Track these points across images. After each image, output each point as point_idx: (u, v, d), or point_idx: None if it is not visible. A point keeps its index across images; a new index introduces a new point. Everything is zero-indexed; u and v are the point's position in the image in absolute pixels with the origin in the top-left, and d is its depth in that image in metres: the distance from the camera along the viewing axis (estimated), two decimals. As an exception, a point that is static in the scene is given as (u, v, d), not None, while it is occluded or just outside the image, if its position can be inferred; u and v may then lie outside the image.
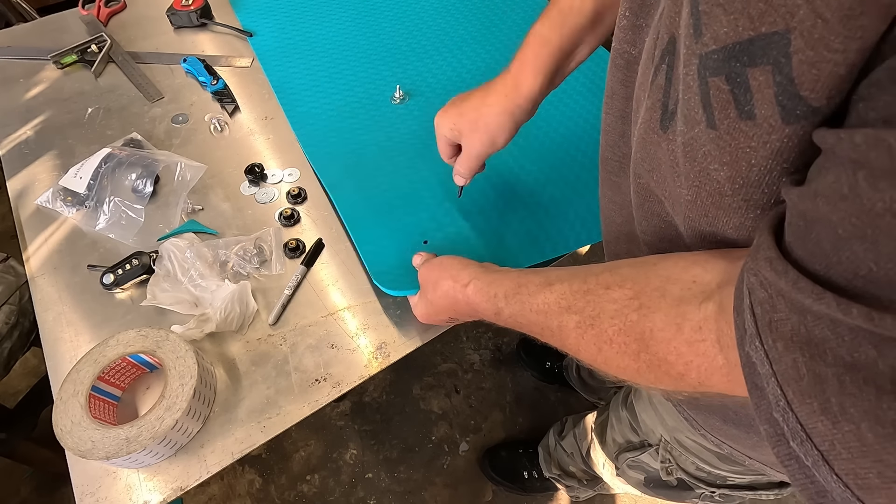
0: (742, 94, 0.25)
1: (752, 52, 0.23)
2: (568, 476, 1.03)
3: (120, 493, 0.49)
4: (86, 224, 0.66)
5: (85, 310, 0.60)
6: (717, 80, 0.25)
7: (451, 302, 0.47)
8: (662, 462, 0.64)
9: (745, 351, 0.24)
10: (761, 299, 0.24)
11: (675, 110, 0.31)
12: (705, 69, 0.26)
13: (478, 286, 0.44)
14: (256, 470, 1.23)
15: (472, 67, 0.85)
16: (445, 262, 0.49)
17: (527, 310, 0.39)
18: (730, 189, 0.29)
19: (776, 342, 0.22)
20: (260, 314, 0.60)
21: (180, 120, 0.78)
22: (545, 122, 0.77)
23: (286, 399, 0.54)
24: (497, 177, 0.69)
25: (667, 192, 0.36)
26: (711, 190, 0.30)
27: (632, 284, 0.33)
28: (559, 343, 0.38)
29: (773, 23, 0.22)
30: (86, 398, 0.49)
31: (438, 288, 0.47)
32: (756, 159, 0.26)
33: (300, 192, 0.69)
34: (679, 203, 0.34)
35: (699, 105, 0.28)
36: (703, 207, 0.32)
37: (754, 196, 0.28)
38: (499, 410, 1.32)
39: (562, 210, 0.67)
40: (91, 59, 0.85)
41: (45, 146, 0.75)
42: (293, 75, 0.84)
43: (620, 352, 0.33)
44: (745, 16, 0.23)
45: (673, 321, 0.30)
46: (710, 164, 0.29)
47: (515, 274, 0.43)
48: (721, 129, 0.27)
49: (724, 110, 0.26)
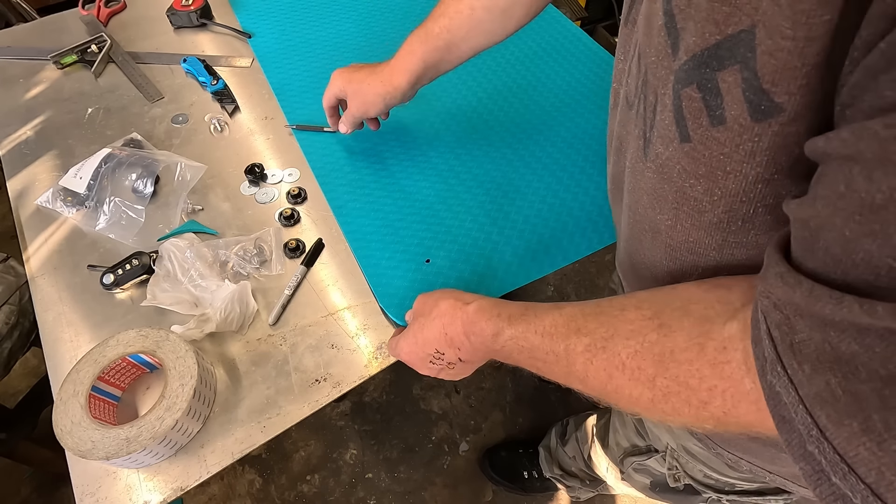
0: (713, 100, 0.25)
1: (720, 55, 0.23)
2: (570, 476, 1.03)
3: (120, 494, 0.49)
4: (86, 224, 0.66)
5: (85, 310, 0.60)
6: (689, 89, 0.26)
7: (445, 323, 0.43)
8: (669, 469, 0.63)
9: (767, 381, 0.22)
10: (778, 321, 0.22)
11: (651, 137, 0.31)
12: (678, 82, 0.26)
13: (481, 305, 0.41)
14: (256, 470, 1.23)
15: (471, 67, 0.85)
16: (447, 289, 0.48)
17: (531, 331, 0.37)
18: (708, 203, 0.29)
19: (802, 365, 0.21)
20: (260, 314, 0.60)
21: (180, 120, 0.78)
22: (546, 127, 0.77)
23: (286, 399, 0.54)
24: (497, 189, 0.69)
25: (647, 224, 0.36)
26: (690, 209, 0.30)
27: (650, 305, 0.31)
28: (564, 371, 0.35)
29: (738, 22, 0.22)
30: (86, 398, 0.49)
31: (436, 308, 0.45)
32: (731, 165, 0.26)
33: (300, 191, 0.69)
34: (659, 232, 0.34)
35: (672, 122, 0.28)
36: (684, 231, 0.31)
37: (733, 206, 0.28)
38: (499, 410, 1.32)
39: (562, 220, 0.66)
40: (91, 59, 0.85)
41: (45, 146, 0.75)
42: (293, 76, 0.84)
43: (633, 378, 0.30)
44: (710, 22, 0.23)
45: (695, 341, 0.27)
46: (685, 180, 0.29)
47: (523, 303, 0.41)
48: (695, 141, 0.27)
49: (696, 120, 0.26)
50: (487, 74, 0.85)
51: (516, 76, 0.84)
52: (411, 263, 0.62)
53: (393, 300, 0.59)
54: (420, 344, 0.46)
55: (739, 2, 0.22)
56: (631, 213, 0.39)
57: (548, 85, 0.83)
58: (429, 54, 0.57)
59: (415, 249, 0.63)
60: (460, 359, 0.44)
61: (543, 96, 0.81)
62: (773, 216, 0.28)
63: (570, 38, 0.90)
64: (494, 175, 0.71)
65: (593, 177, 0.71)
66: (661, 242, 0.35)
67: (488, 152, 0.74)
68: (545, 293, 1.52)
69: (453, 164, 0.72)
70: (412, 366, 0.49)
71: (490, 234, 0.65)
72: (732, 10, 0.22)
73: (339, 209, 0.68)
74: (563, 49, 0.89)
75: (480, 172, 0.71)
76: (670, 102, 0.28)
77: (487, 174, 0.71)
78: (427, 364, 0.47)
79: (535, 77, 0.84)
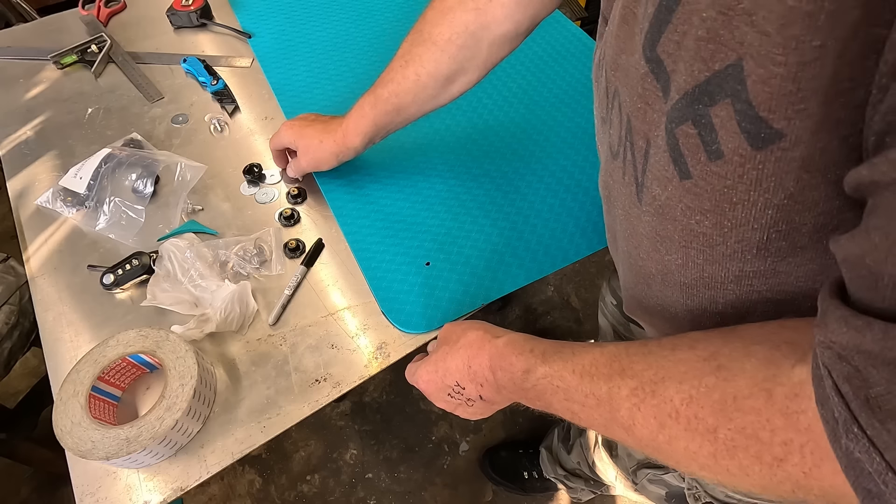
0: (708, 135, 0.24)
1: (710, 91, 0.23)
2: (574, 477, 1.03)
3: (120, 494, 0.49)
4: (86, 224, 0.66)
5: (85, 310, 0.60)
6: (685, 126, 0.25)
7: (471, 355, 0.40)
8: (689, 488, 0.60)
9: (842, 446, 0.19)
10: (847, 374, 0.19)
11: (644, 181, 0.31)
12: (671, 122, 0.26)
13: (512, 339, 0.39)
14: (256, 470, 1.23)
15: (471, 67, 0.85)
16: (478, 321, 0.45)
17: (568, 370, 0.33)
18: (718, 236, 0.28)
19: (885, 423, 0.18)
20: (260, 314, 0.60)
21: (180, 120, 0.78)
22: (546, 127, 0.77)
23: (286, 399, 0.54)
24: (496, 190, 0.69)
25: (654, 267, 0.35)
26: (700, 245, 0.29)
27: (705, 345, 0.28)
28: (606, 417, 0.31)
29: (724, 58, 0.22)
30: (86, 398, 0.49)
31: (462, 338, 0.42)
32: (737, 196, 0.25)
33: (300, 191, 0.69)
34: (670, 273, 0.33)
35: (668, 161, 0.27)
36: (697, 268, 0.31)
37: (745, 235, 0.27)
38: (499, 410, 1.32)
39: (562, 220, 0.66)
40: (91, 59, 0.85)
41: (45, 146, 0.75)
42: (293, 77, 0.84)
43: (690, 429, 0.26)
44: (698, 60, 0.23)
45: (761, 386, 0.24)
46: (691, 217, 0.28)
47: (558, 341, 0.38)
48: (696, 177, 0.26)
49: (695, 156, 0.26)
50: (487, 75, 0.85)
51: (516, 76, 0.84)
52: (411, 266, 0.62)
53: (393, 303, 0.59)
54: (440, 373, 0.43)
55: (724, 38, 0.22)
56: (632, 260, 0.38)
57: (548, 85, 0.83)
58: (379, 117, 0.60)
59: (415, 251, 0.63)
60: (481, 396, 0.41)
61: (543, 96, 0.81)
62: (789, 242, 0.27)
63: (569, 38, 0.90)
64: (494, 175, 0.71)
65: (593, 177, 0.71)
66: (674, 282, 0.34)
67: (488, 153, 0.74)
68: (545, 293, 1.52)
69: (453, 164, 0.72)
70: (429, 396, 0.46)
71: (490, 234, 0.65)
72: (717, 47, 0.22)
73: (338, 209, 0.68)
74: (563, 49, 0.89)
75: (480, 173, 0.71)
76: (664, 143, 0.28)
77: (487, 175, 0.71)
78: (445, 397, 0.44)
79: (535, 77, 0.84)
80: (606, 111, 0.37)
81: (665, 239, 0.31)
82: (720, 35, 0.22)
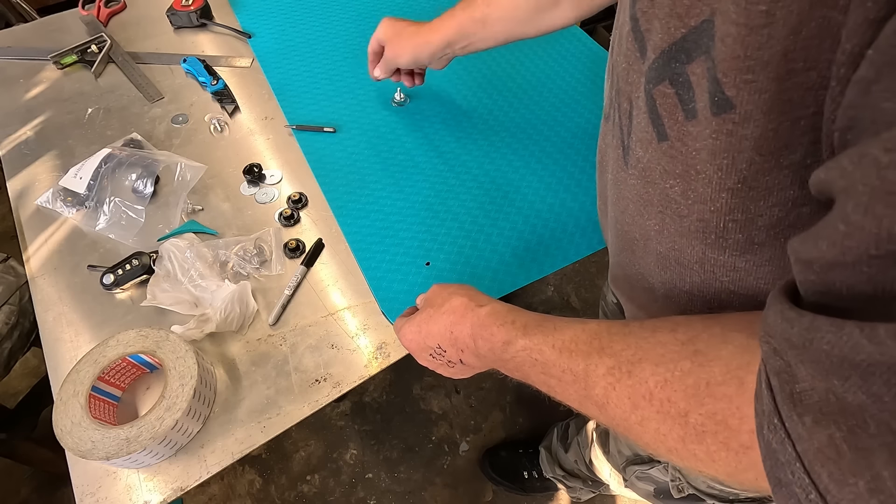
0: (685, 93, 0.24)
1: (686, 48, 0.23)
2: (572, 477, 1.03)
3: (120, 494, 0.49)
4: (86, 224, 0.66)
5: (85, 310, 0.60)
6: (662, 86, 0.25)
7: (453, 321, 0.41)
8: (672, 480, 0.62)
9: (764, 437, 0.20)
10: (777, 369, 0.20)
11: (630, 143, 0.31)
12: (649, 82, 0.26)
13: (495, 309, 0.39)
14: (256, 470, 1.23)
15: (471, 67, 0.85)
16: (464, 285, 0.46)
17: (547, 344, 0.33)
18: (685, 207, 0.28)
19: (802, 417, 0.18)
20: (260, 314, 0.60)
21: (180, 120, 0.78)
22: (546, 127, 0.77)
23: (286, 399, 0.54)
24: (497, 190, 0.69)
25: (637, 232, 0.35)
26: (672, 213, 0.29)
27: (686, 329, 0.28)
28: (580, 393, 0.31)
29: (699, 13, 0.22)
30: (86, 398, 0.49)
31: (447, 303, 0.42)
32: (700, 164, 0.25)
33: (301, 196, 0.69)
34: (650, 238, 0.33)
35: (648, 122, 0.27)
36: (670, 237, 0.31)
37: (705, 215, 0.27)
38: (499, 410, 1.32)
39: (562, 220, 0.66)
40: (91, 59, 0.85)
41: (45, 146, 0.75)
42: (293, 76, 0.84)
43: (662, 411, 0.26)
44: (674, 16, 0.23)
45: (734, 373, 0.24)
46: (666, 181, 0.28)
47: (541, 314, 0.38)
48: (672, 138, 0.26)
49: (672, 116, 0.25)
50: (487, 75, 0.85)
51: (516, 76, 0.84)
52: (411, 266, 0.62)
53: (393, 304, 0.59)
54: (423, 335, 0.44)
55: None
56: (619, 225, 0.38)
57: (548, 85, 0.83)
58: (465, 23, 0.61)
59: (415, 251, 0.63)
60: (462, 360, 0.42)
61: (543, 96, 0.81)
62: (745, 236, 0.27)
63: (570, 38, 0.90)
64: (494, 175, 0.71)
65: (593, 177, 0.70)
66: (652, 250, 0.34)
67: (488, 153, 0.74)
68: (545, 293, 1.52)
69: (453, 164, 0.72)
70: (411, 353, 0.47)
71: (490, 234, 0.65)
72: (693, 2, 0.22)
73: (339, 209, 0.68)
74: (563, 49, 0.89)
75: (480, 173, 0.71)
76: (644, 104, 0.27)
77: (487, 175, 0.71)
78: (426, 356, 0.45)
79: (535, 77, 0.84)
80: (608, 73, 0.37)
81: (647, 203, 0.31)
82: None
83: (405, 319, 0.47)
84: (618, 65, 0.31)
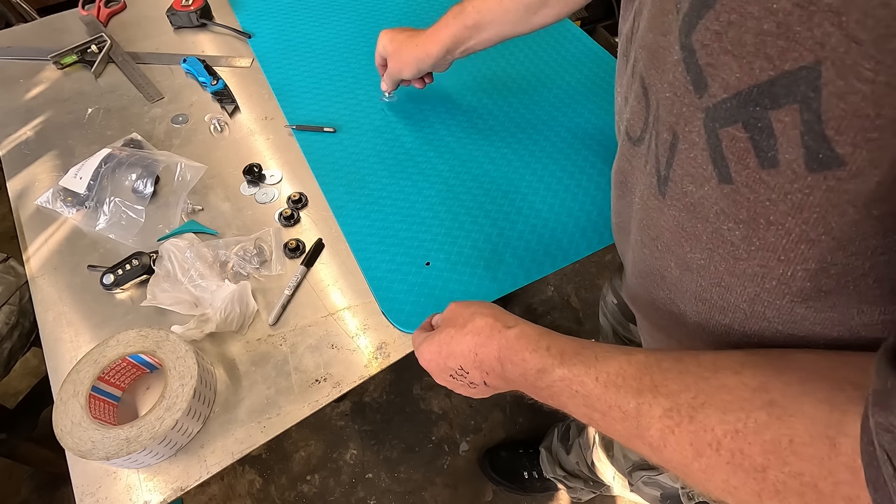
0: (764, 140, 0.22)
1: (774, 93, 0.21)
2: (573, 478, 1.03)
3: (120, 494, 0.49)
4: (86, 224, 0.66)
5: (85, 310, 0.60)
6: (732, 129, 0.23)
7: (478, 343, 0.39)
8: (683, 487, 0.61)
9: None
10: None
11: (670, 175, 0.29)
12: (714, 121, 0.24)
13: (525, 332, 0.37)
14: (256, 470, 1.23)
15: (471, 68, 0.85)
16: (487, 303, 0.43)
17: (590, 377, 0.31)
18: (745, 251, 0.26)
19: None
20: (260, 314, 0.60)
21: (180, 120, 0.78)
22: (546, 127, 0.77)
23: (286, 399, 0.54)
24: (496, 190, 0.69)
25: (674, 260, 0.33)
26: (725, 253, 0.27)
27: (753, 372, 0.25)
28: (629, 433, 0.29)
29: (798, 58, 0.20)
30: (86, 398, 0.49)
31: (470, 323, 0.40)
32: (775, 216, 0.23)
33: (301, 196, 0.69)
34: (690, 270, 0.31)
35: (708, 161, 0.25)
36: (717, 274, 0.29)
37: (770, 262, 0.25)
38: (499, 410, 1.32)
39: (562, 220, 0.66)
40: (91, 59, 0.85)
41: (45, 146, 0.75)
42: (293, 76, 0.84)
43: (734, 463, 0.24)
44: (761, 57, 0.21)
45: (823, 433, 0.22)
46: (723, 222, 0.26)
47: (575, 339, 0.36)
48: (738, 183, 0.24)
49: (741, 161, 0.23)
50: (487, 75, 0.85)
51: (516, 76, 0.84)
52: (411, 266, 0.62)
53: (393, 304, 0.59)
54: (444, 355, 0.41)
55: (799, 36, 0.19)
56: (647, 250, 0.36)
57: (547, 85, 0.83)
58: (459, 31, 0.63)
59: (415, 252, 0.63)
60: (485, 382, 0.40)
61: (543, 96, 0.81)
62: (813, 284, 0.25)
63: (569, 38, 0.90)
64: (494, 175, 0.71)
65: (593, 177, 0.71)
66: (690, 281, 0.32)
67: (488, 153, 0.74)
68: (545, 293, 1.52)
69: (453, 164, 0.72)
70: (429, 372, 0.45)
71: (490, 234, 0.65)
72: (790, 45, 0.20)
73: (339, 209, 0.68)
74: (563, 49, 0.89)
75: (480, 173, 0.71)
76: (702, 141, 0.25)
77: (487, 175, 0.71)
78: (446, 377, 0.43)
79: (535, 77, 0.84)
80: (627, 90, 0.34)
81: (691, 237, 0.29)
82: (795, 31, 0.19)
83: (423, 336, 0.45)
84: (658, 91, 0.28)
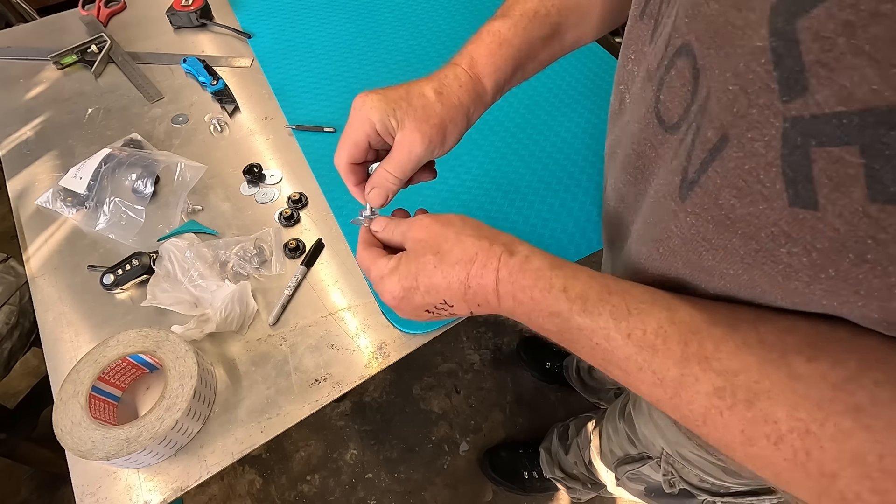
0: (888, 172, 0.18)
1: None
2: (572, 479, 1.03)
3: (120, 494, 0.49)
4: (86, 224, 0.66)
5: (85, 310, 0.60)
6: (840, 151, 0.19)
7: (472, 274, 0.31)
8: (665, 475, 0.61)
9: None
10: None
11: (698, 180, 0.25)
12: (806, 136, 0.20)
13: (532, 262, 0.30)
14: (257, 470, 1.23)
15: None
16: (467, 218, 0.34)
17: (620, 332, 0.26)
18: (807, 276, 0.22)
19: None
20: (260, 314, 0.60)
21: (180, 120, 0.78)
22: (546, 127, 0.77)
23: (286, 399, 0.54)
24: (496, 190, 0.69)
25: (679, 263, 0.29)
26: (774, 272, 0.23)
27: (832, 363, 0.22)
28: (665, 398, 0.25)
29: None
30: (86, 398, 0.49)
31: (458, 247, 0.32)
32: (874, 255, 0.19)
33: (301, 196, 0.69)
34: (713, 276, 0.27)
35: (777, 178, 0.21)
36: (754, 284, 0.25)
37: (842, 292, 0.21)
38: (499, 410, 1.32)
39: (562, 220, 0.66)
40: (91, 59, 0.85)
41: (45, 146, 0.75)
42: (293, 76, 0.84)
43: (795, 461, 0.21)
44: None
45: None
46: (782, 245, 0.22)
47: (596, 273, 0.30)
48: (827, 211, 0.20)
49: (840, 188, 0.19)
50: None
51: (516, 76, 0.84)
52: None
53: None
54: (422, 291, 0.33)
55: None
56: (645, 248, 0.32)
57: (547, 85, 0.83)
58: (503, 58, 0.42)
59: None
60: (472, 312, 0.33)
61: (543, 96, 0.81)
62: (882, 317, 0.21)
63: (569, 38, 0.90)
64: (494, 175, 0.71)
65: (593, 177, 0.71)
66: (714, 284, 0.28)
67: (488, 153, 0.74)
68: (545, 293, 1.52)
69: (453, 164, 0.72)
70: (393, 308, 0.36)
71: None
72: None
73: (339, 209, 0.68)
74: (563, 49, 0.89)
75: (480, 173, 0.71)
76: (771, 155, 0.21)
77: (487, 174, 0.71)
78: (420, 313, 0.35)
79: (535, 77, 0.84)
80: (657, 67, 0.28)
81: (720, 248, 0.25)
82: None
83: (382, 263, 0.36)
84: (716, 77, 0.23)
